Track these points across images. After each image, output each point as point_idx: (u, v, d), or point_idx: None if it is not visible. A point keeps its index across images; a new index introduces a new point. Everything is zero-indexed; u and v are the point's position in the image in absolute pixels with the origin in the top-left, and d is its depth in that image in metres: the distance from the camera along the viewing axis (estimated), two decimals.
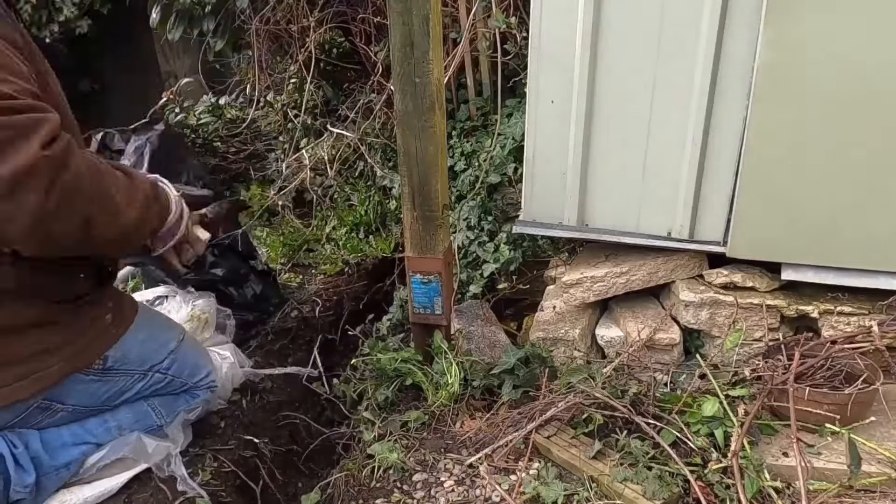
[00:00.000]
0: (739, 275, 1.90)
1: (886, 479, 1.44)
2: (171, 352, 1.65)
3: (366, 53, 3.25)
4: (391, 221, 3.13)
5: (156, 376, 1.62)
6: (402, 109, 1.72)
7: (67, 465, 1.52)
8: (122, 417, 1.60)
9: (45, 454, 1.48)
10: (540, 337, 2.06)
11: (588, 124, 1.91)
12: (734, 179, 1.84)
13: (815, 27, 1.61)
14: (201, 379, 1.74)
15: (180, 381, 1.68)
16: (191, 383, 1.71)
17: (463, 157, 2.80)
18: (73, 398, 1.50)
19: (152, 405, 1.65)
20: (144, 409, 1.64)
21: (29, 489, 1.44)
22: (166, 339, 1.65)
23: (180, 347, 1.68)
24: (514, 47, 2.61)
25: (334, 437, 2.00)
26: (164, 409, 1.67)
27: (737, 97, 1.77)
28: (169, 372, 1.65)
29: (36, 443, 1.48)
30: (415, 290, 1.94)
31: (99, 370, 1.51)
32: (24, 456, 1.44)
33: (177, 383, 1.67)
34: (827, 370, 1.61)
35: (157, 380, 1.63)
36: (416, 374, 1.92)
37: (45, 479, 1.48)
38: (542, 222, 2.07)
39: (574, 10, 1.81)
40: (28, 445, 1.46)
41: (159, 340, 1.64)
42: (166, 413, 1.67)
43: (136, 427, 1.61)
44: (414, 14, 1.60)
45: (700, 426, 1.59)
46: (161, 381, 1.64)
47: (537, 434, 1.66)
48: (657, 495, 1.42)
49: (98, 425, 1.58)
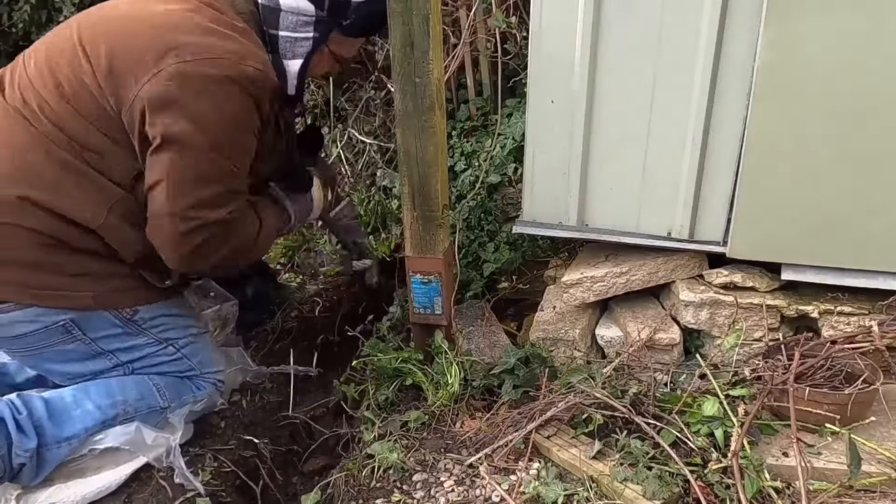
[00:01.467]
0: (739, 275, 1.90)
1: (886, 479, 1.44)
2: (192, 335, 1.76)
3: (366, 52, 3.25)
4: (391, 221, 3.13)
5: (168, 349, 1.71)
6: (402, 109, 1.72)
7: (70, 438, 1.55)
8: (127, 392, 1.63)
9: (49, 422, 1.52)
10: (540, 337, 2.06)
11: (588, 124, 1.91)
12: (734, 179, 1.84)
13: (816, 28, 1.61)
14: (210, 372, 1.80)
15: (189, 365, 1.74)
16: (199, 371, 1.77)
17: (463, 157, 2.80)
18: (94, 332, 1.58)
19: (157, 386, 1.69)
20: (150, 388, 1.67)
21: (30, 454, 1.48)
22: (191, 323, 1.78)
23: (201, 336, 1.80)
24: (514, 47, 2.61)
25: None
26: (169, 393, 1.70)
27: (737, 97, 1.77)
28: (182, 350, 1.73)
29: (40, 409, 1.53)
30: (415, 290, 1.94)
31: (126, 318, 1.61)
32: (27, 421, 1.49)
33: (185, 365, 1.74)
34: (827, 370, 1.61)
35: (168, 353, 1.71)
36: (416, 374, 1.92)
37: (46, 450, 1.52)
38: (543, 222, 2.07)
39: (574, 11, 1.81)
40: (32, 413, 1.51)
41: (186, 321, 1.77)
42: (171, 397, 1.70)
43: (141, 406, 1.65)
44: (414, 14, 1.60)
45: (700, 426, 1.59)
46: (172, 356, 1.71)
47: (537, 434, 1.66)
48: (657, 495, 1.42)
49: (103, 396, 1.60)
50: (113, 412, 1.60)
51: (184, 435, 1.71)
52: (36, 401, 1.54)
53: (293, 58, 1.63)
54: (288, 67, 1.64)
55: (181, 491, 1.60)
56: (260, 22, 1.60)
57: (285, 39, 1.61)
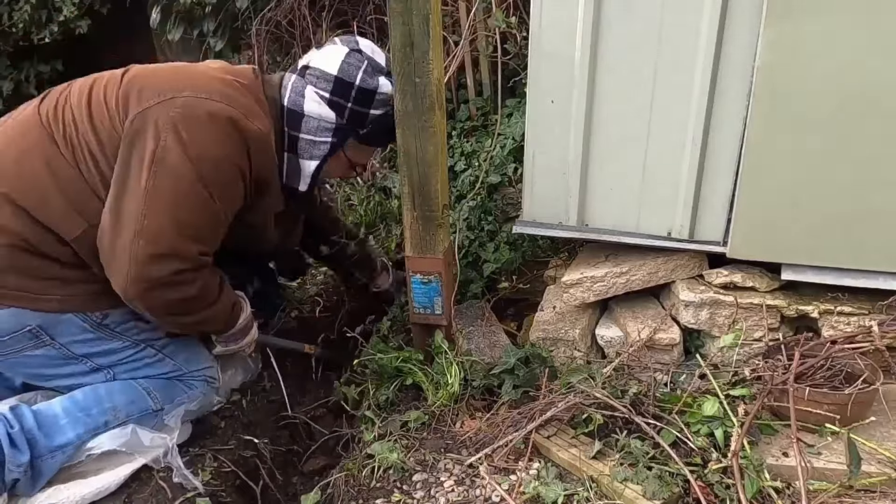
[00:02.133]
0: (739, 275, 1.90)
1: (886, 479, 1.44)
2: (168, 335, 1.72)
3: None
4: (391, 221, 3.13)
5: (148, 350, 1.69)
6: (402, 109, 1.72)
7: (63, 447, 1.55)
8: (115, 398, 1.63)
9: (40, 433, 1.52)
10: (540, 337, 2.06)
11: (588, 124, 1.91)
12: (734, 179, 1.84)
13: (816, 28, 1.61)
14: (198, 369, 1.77)
15: (173, 365, 1.72)
16: (185, 370, 1.74)
17: (463, 157, 2.80)
18: (64, 338, 1.57)
19: (147, 389, 1.68)
20: (139, 392, 1.66)
21: (23, 468, 1.47)
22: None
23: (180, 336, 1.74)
24: (514, 47, 2.61)
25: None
26: (160, 395, 1.69)
27: (737, 97, 1.77)
28: (163, 351, 1.71)
29: (30, 420, 1.52)
30: (415, 290, 1.95)
31: (96, 322, 1.59)
32: (20, 435, 1.49)
33: (169, 365, 1.72)
34: (827, 370, 1.61)
35: (149, 354, 1.69)
36: (416, 374, 1.92)
37: (41, 461, 1.51)
38: (543, 222, 2.07)
39: (574, 11, 1.81)
40: (23, 425, 1.50)
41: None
42: (163, 399, 1.69)
43: (132, 410, 1.64)
44: (414, 14, 1.60)
45: (700, 426, 1.59)
46: (153, 357, 1.69)
47: (537, 434, 1.66)
48: (657, 495, 1.42)
49: (93, 403, 1.60)
50: (103, 418, 1.60)
51: (181, 435, 1.71)
52: (26, 413, 1.54)
53: (310, 159, 1.75)
54: (303, 166, 1.76)
55: (181, 491, 1.60)
56: (278, 117, 1.72)
57: (305, 141, 1.73)
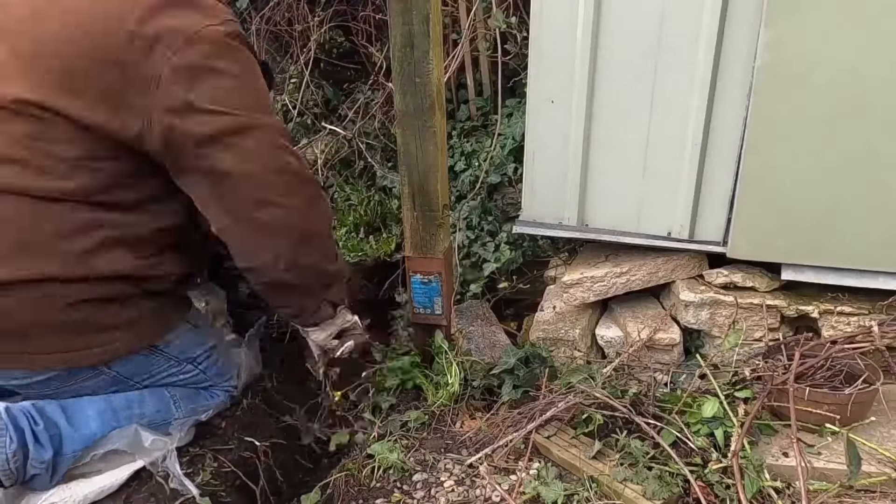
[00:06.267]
0: (739, 275, 1.90)
1: (886, 479, 1.44)
2: (208, 349, 1.74)
3: (366, 53, 3.25)
4: (391, 221, 3.12)
5: (188, 367, 1.69)
6: (402, 109, 1.72)
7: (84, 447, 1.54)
8: (145, 406, 1.63)
9: (69, 429, 1.51)
10: (540, 337, 2.06)
11: (588, 124, 1.91)
12: (734, 179, 1.84)
13: (816, 29, 1.61)
14: (225, 381, 1.81)
15: (205, 378, 1.74)
16: (215, 382, 1.77)
17: (463, 157, 2.80)
18: (120, 367, 1.57)
19: (174, 397, 1.69)
20: (166, 400, 1.67)
21: (45, 465, 1.47)
22: (207, 338, 1.75)
23: (217, 348, 1.77)
24: (514, 47, 2.61)
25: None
26: (184, 403, 1.70)
27: (737, 97, 1.77)
28: (200, 366, 1.72)
29: (59, 417, 1.51)
30: (415, 290, 1.94)
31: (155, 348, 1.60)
32: (44, 433, 1.48)
33: (202, 378, 1.74)
34: (827, 370, 1.61)
35: (188, 371, 1.70)
36: (417, 377, 1.92)
37: (62, 459, 1.50)
38: (543, 222, 2.07)
39: (574, 11, 1.81)
40: (48, 422, 1.49)
41: (202, 336, 1.74)
42: (185, 407, 1.70)
43: (156, 418, 1.65)
44: (414, 14, 1.60)
45: (700, 426, 1.59)
46: (191, 373, 1.71)
47: (537, 434, 1.66)
48: (657, 495, 1.42)
49: (124, 408, 1.60)
50: (127, 423, 1.60)
51: (184, 438, 1.71)
52: (55, 410, 1.51)
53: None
54: None
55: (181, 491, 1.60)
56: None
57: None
